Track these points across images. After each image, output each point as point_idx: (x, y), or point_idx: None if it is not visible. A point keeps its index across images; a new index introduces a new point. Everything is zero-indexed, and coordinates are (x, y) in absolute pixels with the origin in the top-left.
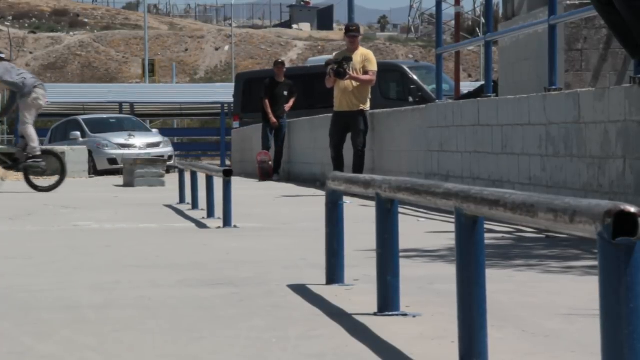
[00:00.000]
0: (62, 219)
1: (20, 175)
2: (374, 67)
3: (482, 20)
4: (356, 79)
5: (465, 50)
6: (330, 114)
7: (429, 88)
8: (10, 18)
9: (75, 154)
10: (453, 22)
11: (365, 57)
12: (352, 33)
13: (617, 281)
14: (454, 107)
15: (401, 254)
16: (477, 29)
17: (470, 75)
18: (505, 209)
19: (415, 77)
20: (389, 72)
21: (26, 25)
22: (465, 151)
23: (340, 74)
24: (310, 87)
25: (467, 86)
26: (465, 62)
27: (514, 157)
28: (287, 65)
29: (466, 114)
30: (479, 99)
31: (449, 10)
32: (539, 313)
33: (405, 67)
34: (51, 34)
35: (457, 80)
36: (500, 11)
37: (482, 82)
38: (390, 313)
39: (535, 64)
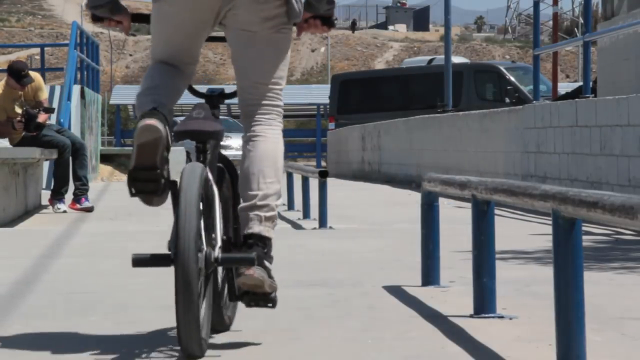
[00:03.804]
0: (162, 219)
1: (122, 177)
2: (45, 93)
3: (581, 20)
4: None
5: (563, 51)
6: (427, 115)
7: (525, 89)
8: None
9: (173, 155)
10: (551, 23)
11: (35, 88)
12: (25, 80)
13: None
14: (551, 108)
15: (497, 256)
16: (576, 29)
17: (568, 76)
18: (603, 211)
19: (512, 78)
20: (485, 73)
21: None
22: (562, 152)
23: (37, 127)
24: (406, 88)
25: (565, 87)
26: (563, 62)
27: (613, 158)
28: (383, 66)
29: (564, 115)
30: (577, 99)
31: (546, 11)
32: None
33: (502, 68)
34: (150, 37)
35: (555, 81)
36: (600, 11)
37: (580, 83)
38: (487, 315)
39: (635, 64)
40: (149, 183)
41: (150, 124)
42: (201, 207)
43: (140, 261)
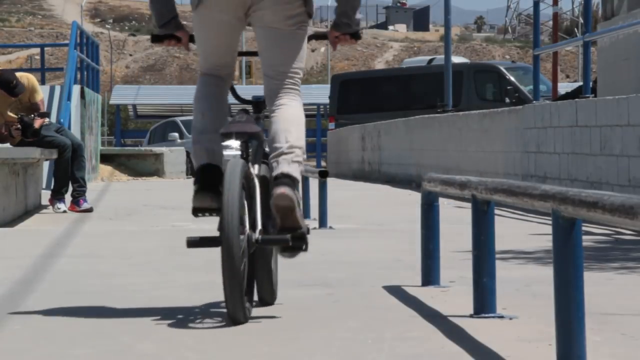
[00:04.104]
0: (161, 219)
1: (122, 177)
2: (40, 94)
3: (581, 20)
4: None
5: (563, 51)
6: (427, 115)
7: (525, 89)
8: (111, 21)
9: (173, 155)
10: (551, 23)
11: (29, 90)
12: (16, 90)
13: None
14: (551, 108)
15: (497, 256)
16: (576, 29)
17: (568, 76)
18: (603, 211)
19: (512, 78)
20: (485, 72)
21: (126, 27)
22: (562, 152)
23: (35, 132)
24: (406, 88)
25: (565, 87)
26: (563, 62)
27: (613, 158)
28: (383, 66)
29: (564, 115)
30: (577, 99)
31: (546, 11)
32: None
33: (502, 68)
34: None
35: (555, 81)
36: (600, 11)
37: (580, 83)
38: (487, 315)
39: (635, 64)
40: (209, 212)
41: (204, 201)
42: (243, 196)
43: (194, 243)
